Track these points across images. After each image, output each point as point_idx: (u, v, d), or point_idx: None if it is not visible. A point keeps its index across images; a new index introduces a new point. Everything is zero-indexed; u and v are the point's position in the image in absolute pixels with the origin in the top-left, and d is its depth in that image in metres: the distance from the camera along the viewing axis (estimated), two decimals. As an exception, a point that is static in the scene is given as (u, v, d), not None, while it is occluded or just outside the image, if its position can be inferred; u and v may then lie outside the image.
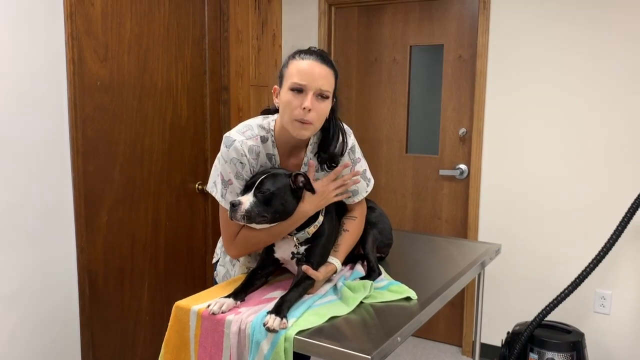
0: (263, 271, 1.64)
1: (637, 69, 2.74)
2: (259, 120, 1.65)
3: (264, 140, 1.61)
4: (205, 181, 3.05)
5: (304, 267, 1.54)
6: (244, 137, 1.58)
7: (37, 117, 2.19)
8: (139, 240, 2.69)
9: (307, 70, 1.51)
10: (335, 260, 1.62)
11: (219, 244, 1.87)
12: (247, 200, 1.49)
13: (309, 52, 1.56)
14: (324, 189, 1.60)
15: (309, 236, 1.59)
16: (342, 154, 1.68)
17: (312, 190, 1.57)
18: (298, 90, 1.51)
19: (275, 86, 1.61)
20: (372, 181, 1.79)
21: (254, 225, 1.53)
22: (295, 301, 1.46)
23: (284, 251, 1.61)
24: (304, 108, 1.50)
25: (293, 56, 1.56)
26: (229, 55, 3.16)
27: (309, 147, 1.67)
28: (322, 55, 1.56)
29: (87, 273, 2.43)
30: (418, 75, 3.42)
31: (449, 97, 3.29)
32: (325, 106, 1.55)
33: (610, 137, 2.83)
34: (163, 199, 2.81)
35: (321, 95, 1.53)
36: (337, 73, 1.59)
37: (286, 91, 1.53)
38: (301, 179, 1.55)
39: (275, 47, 3.61)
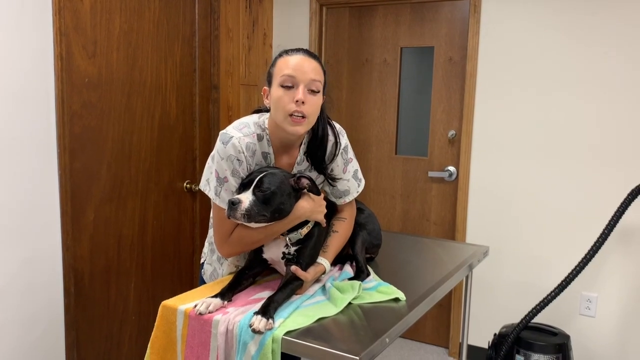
0: (250, 272, 1.62)
1: (627, 73, 2.77)
2: (254, 118, 1.64)
3: (259, 138, 1.60)
4: (193, 180, 3.03)
5: (293, 267, 1.53)
6: (242, 134, 1.57)
7: (23, 113, 2.16)
8: (126, 239, 2.67)
9: (296, 65, 1.52)
10: (324, 261, 1.62)
11: (206, 243, 1.85)
12: (247, 198, 1.46)
13: (296, 49, 1.58)
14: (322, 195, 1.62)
15: (301, 237, 1.58)
16: (334, 155, 1.67)
17: (318, 192, 1.57)
18: (289, 86, 1.51)
19: (265, 87, 1.61)
20: (363, 182, 1.79)
21: (251, 225, 1.51)
22: (283, 302, 1.45)
23: (273, 252, 1.60)
24: (297, 100, 1.49)
25: (280, 55, 1.58)
26: (219, 53, 3.14)
27: (302, 147, 1.67)
28: (309, 52, 1.58)
29: (72, 271, 2.40)
30: (408, 77, 3.42)
31: (439, 99, 3.30)
32: (318, 99, 1.55)
33: (599, 140, 2.86)
34: (151, 197, 2.79)
35: (312, 89, 1.53)
36: (324, 70, 1.60)
37: (277, 87, 1.53)
38: (306, 181, 1.55)
39: (266, 46, 3.60)
